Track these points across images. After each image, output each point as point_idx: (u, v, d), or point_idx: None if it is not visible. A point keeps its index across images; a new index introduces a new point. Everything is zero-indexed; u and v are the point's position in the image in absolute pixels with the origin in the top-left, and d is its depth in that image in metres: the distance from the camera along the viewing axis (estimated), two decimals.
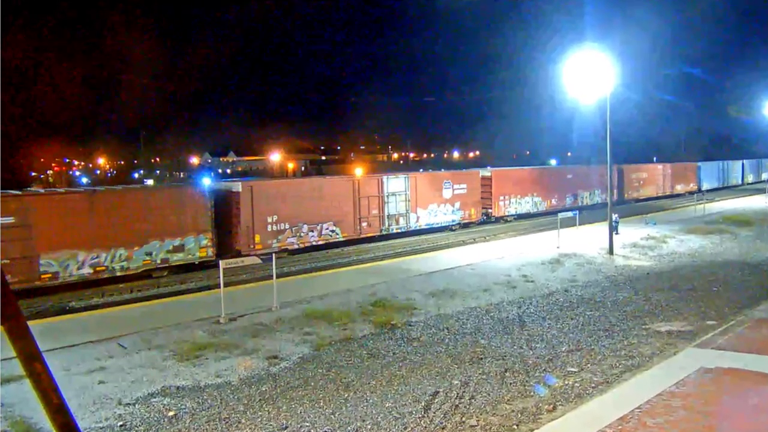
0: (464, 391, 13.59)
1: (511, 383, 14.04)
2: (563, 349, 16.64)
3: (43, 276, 26.58)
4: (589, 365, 15.19)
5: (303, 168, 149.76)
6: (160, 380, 14.79)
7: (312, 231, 37.15)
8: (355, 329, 18.81)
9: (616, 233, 35.46)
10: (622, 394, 12.39)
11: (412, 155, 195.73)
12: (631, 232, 39.38)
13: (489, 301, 22.28)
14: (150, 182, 79.65)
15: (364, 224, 40.11)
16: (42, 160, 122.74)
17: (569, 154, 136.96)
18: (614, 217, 34.60)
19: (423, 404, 12.94)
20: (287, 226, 35.81)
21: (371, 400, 13.23)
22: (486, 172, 51.24)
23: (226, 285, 21.93)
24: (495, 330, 18.63)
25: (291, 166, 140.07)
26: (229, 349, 17.05)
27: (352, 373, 15.02)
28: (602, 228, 36.80)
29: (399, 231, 42.41)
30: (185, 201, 31.52)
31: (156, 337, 18.36)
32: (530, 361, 15.58)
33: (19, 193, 28.67)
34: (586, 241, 35.33)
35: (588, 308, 21.14)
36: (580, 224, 38.22)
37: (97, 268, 28.24)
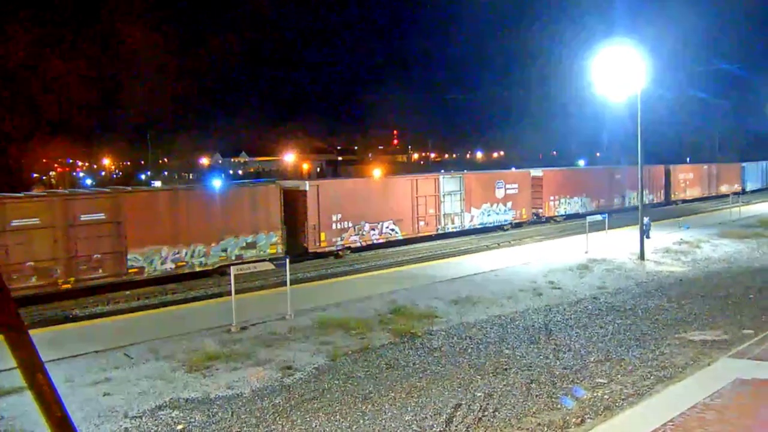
0: (488, 404, 13.53)
1: (537, 395, 13.97)
2: (592, 359, 16.56)
3: (130, 270, 28.67)
4: (619, 376, 15.10)
5: (318, 169, 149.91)
6: (169, 392, 14.75)
7: (373, 229, 39.23)
8: (374, 338, 18.79)
9: (648, 237, 35.27)
10: (654, 406, 12.33)
11: (433, 156, 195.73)
12: (664, 237, 39.21)
13: (514, 309, 22.22)
14: (158, 184, 79.73)
15: (422, 223, 42.03)
16: (44, 160, 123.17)
17: (598, 154, 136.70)
18: (645, 220, 34.42)
19: (444, 417, 12.90)
20: (350, 225, 37.85)
21: (390, 413, 13.20)
22: (537, 172, 52.88)
23: (237, 292, 21.81)
24: (520, 339, 18.57)
25: (306, 167, 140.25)
26: (241, 359, 17.03)
27: (370, 384, 14.98)
28: (632, 232, 36.67)
29: (454, 230, 44.42)
30: (258, 199, 33.79)
31: (164, 346, 18.33)
32: (557, 372, 15.52)
33: (111, 190, 31.08)
34: (616, 245, 35.20)
35: (618, 316, 21.04)
36: (609, 228, 38.06)
37: (179, 264, 30.40)
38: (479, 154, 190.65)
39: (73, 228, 27.09)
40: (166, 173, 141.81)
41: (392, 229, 40.42)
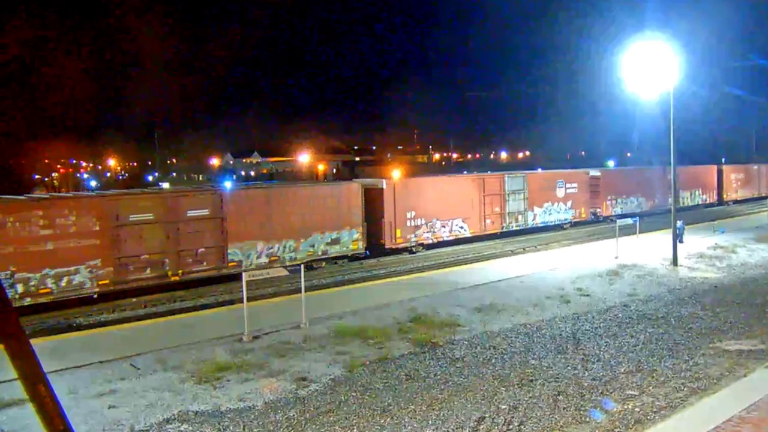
0: (513, 417, 13.51)
1: (564, 408, 13.94)
2: (622, 370, 16.51)
3: (230, 264, 31.82)
4: (650, 388, 15.04)
5: (335, 170, 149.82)
6: (177, 404, 14.76)
7: (444, 227, 42.40)
8: (393, 348, 18.76)
9: (681, 242, 35.13)
10: (687, 419, 12.28)
11: (455, 156, 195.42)
12: (697, 241, 39.05)
13: (540, 317, 22.17)
14: (166, 185, 79.94)
15: (488, 221, 45.41)
16: (46, 161, 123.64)
17: (629, 154, 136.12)
18: (678, 224, 34.27)
19: (467, 431, 12.88)
20: (423, 222, 41.03)
21: (410, 427, 13.19)
22: (595, 172, 56.15)
23: (249, 299, 21.68)
24: (546, 349, 18.53)
25: (321, 167, 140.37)
26: (253, 370, 17.04)
27: (389, 396, 14.96)
28: (664, 236, 36.65)
29: (518, 228, 47.76)
30: (342, 197, 37.20)
31: (172, 356, 18.37)
32: (585, 384, 15.47)
33: (214, 188, 35.55)
34: (647, 250, 35.09)
35: (649, 325, 20.95)
36: (641, 232, 37.95)
37: (272, 258, 33.53)
38: (503, 155, 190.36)
39: (180, 223, 30.23)
40: (174, 174, 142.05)
41: (461, 227, 43.51)
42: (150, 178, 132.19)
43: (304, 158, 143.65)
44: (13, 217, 25.87)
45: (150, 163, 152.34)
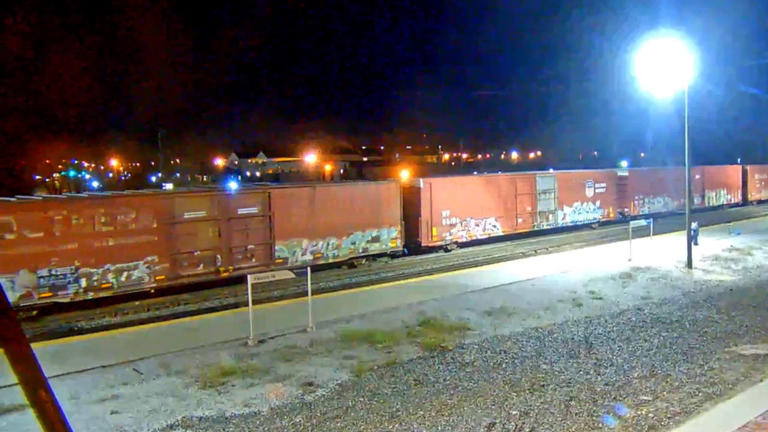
0: (524, 423, 13.52)
1: (576, 413, 13.94)
2: (635, 374, 16.51)
3: (277, 261, 33.26)
4: (664, 393, 15.05)
5: (342, 170, 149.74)
6: (181, 410, 14.77)
7: (477, 225, 44.02)
8: (401, 352, 18.79)
9: (695, 244, 35.07)
10: (702, 425, 12.28)
11: (465, 156, 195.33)
12: (713, 243, 39.02)
13: (552, 321, 22.18)
14: (169, 186, 79.82)
15: (520, 220, 47.08)
16: (47, 161, 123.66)
17: (642, 155, 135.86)
18: (693, 225, 34.23)
19: None
20: (458, 221, 42.54)
21: None
22: (623, 172, 58.24)
23: (255, 302, 21.85)
24: (558, 353, 18.53)
25: (328, 168, 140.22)
26: (259, 375, 17.06)
27: (398, 401, 14.97)
28: (678, 238, 36.60)
29: (548, 227, 49.52)
30: (382, 196, 38.76)
31: (176, 361, 18.39)
32: (598, 389, 15.48)
33: (262, 187, 37.85)
34: (661, 252, 35.06)
35: (663, 329, 20.94)
36: (654, 234, 37.89)
37: (316, 255, 35.19)
38: (514, 155, 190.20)
39: (231, 221, 31.86)
40: (178, 175, 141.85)
41: (494, 225, 45.22)
42: (153, 178, 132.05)
43: (310, 158, 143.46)
44: (77, 214, 27.33)
45: (153, 163, 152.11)
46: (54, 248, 26.65)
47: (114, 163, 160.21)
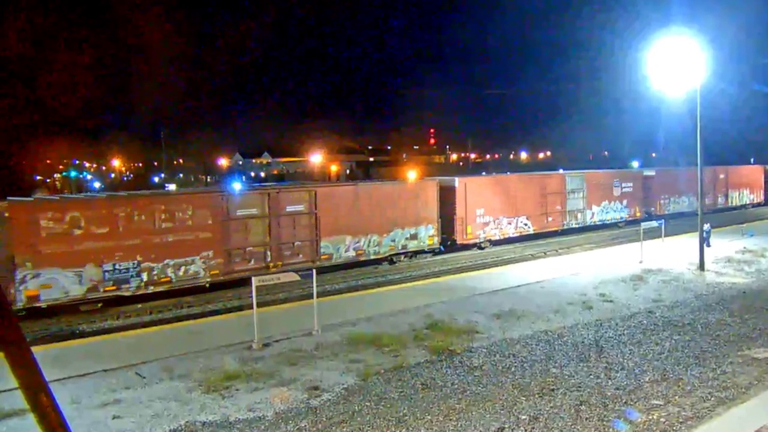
0: (533, 428, 13.52)
1: (586, 418, 13.93)
2: (647, 378, 16.49)
3: (322, 257, 35.22)
4: (676, 397, 15.03)
5: (348, 171, 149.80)
6: (184, 415, 14.77)
7: (510, 224, 45.90)
8: (408, 356, 18.78)
9: (707, 246, 35.01)
10: (715, 430, 12.26)
11: (473, 156, 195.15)
12: (725, 245, 38.97)
13: (561, 324, 22.16)
14: (172, 187, 79.71)
15: (550, 219, 48.95)
16: (48, 161, 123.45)
17: (654, 155, 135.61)
18: (705, 227, 34.18)
19: None
20: (491, 219, 44.43)
21: None
22: (649, 172, 60.25)
23: (259, 305, 21.73)
24: (568, 357, 18.52)
25: (334, 168, 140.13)
26: (263, 379, 17.06)
27: (405, 406, 14.95)
28: (690, 240, 36.57)
29: (577, 226, 51.39)
30: (420, 194, 40.43)
31: (179, 365, 18.39)
32: (609, 393, 15.47)
33: (310, 185, 39.80)
34: (673, 254, 35.04)
35: (675, 332, 20.91)
36: (666, 235, 37.85)
37: (359, 252, 36.97)
38: (524, 155, 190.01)
39: (280, 218, 33.66)
40: (181, 175, 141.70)
41: (525, 224, 47.03)
42: (156, 179, 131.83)
43: (316, 158, 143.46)
44: (139, 211, 29.08)
45: (156, 163, 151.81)
46: (118, 243, 28.30)
47: (116, 163, 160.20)
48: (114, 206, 28.63)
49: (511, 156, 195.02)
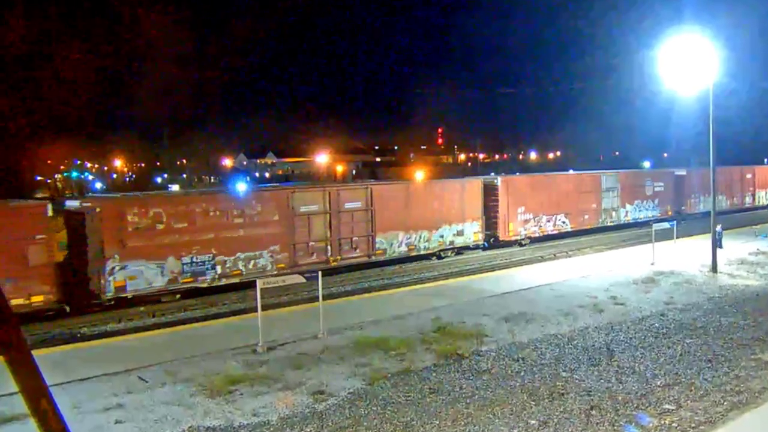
0: None
1: (597, 423, 13.91)
2: (658, 383, 16.45)
3: (377, 252, 37.71)
4: (688, 402, 15.00)
5: (354, 171, 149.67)
6: (188, 419, 14.74)
7: (548, 221, 48.38)
8: (415, 360, 18.74)
9: (720, 247, 34.93)
10: None
11: (482, 156, 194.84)
12: (738, 247, 38.90)
13: (571, 327, 22.11)
14: (175, 187, 79.67)
15: (586, 216, 51.68)
16: (49, 161, 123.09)
17: (665, 155, 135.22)
18: (717, 228, 34.10)
19: None
20: (531, 216, 46.82)
21: None
22: (681, 171, 62.15)
23: (264, 308, 21.71)
24: (579, 361, 18.48)
25: (340, 168, 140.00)
26: (268, 383, 17.04)
27: (412, 411, 14.93)
28: (702, 241, 36.56)
29: (612, 224, 53.95)
30: (466, 192, 42.88)
31: (182, 368, 18.38)
32: (620, 398, 15.43)
33: (365, 183, 43.00)
34: (685, 256, 34.98)
35: (687, 335, 20.86)
36: (677, 237, 37.79)
37: (410, 247, 39.46)
38: (533, 155, 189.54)
39: (339, 214, 36.07)
40: (184, 176, 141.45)
41: (563, 222, 49.53)
42: (159, 179, 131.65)
43: (321, 159, 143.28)
44: (214, 207, 31.67)
45: (159, 164, 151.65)
46: (195, 238, 30.77)
47: (118, 163, 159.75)
48: (192, 203, 31.38)
49: (520, 156, 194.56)
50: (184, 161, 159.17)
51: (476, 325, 22.28)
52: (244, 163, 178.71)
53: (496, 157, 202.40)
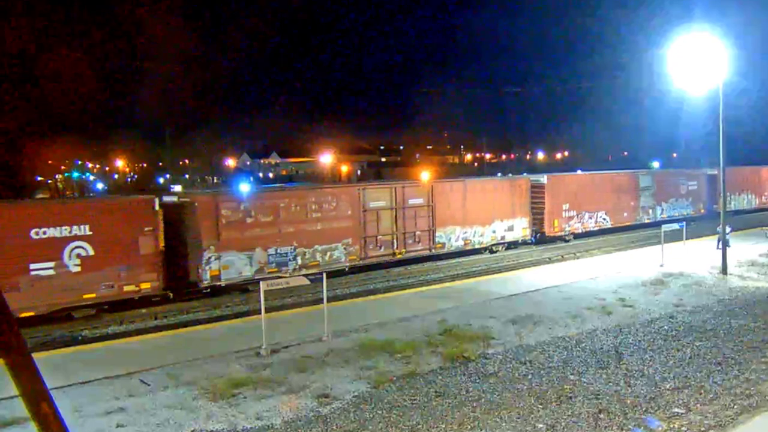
0: None
1: (606, 427, 13.91)
2: (668, 386, 16.43)
3: (437, 246, 40.31)
4: (698, 405, 14.99)
5: (359, 171, 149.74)
6: (190, 423, 14.72)
7: (591, 218, 51.06)
8: (421, 363, 18.73)
9: (728, 246, 34.84)
10: None
11: (488, 156, 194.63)
12: (748, 248, 38.88)
13: (579, 330, 22.10)
14: (178, 188, 79.70)
15: (625, 214, 54.63)
16: (50, 162, 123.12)
17: (674, 155, 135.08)
18: (725, 230, 34.05)
19: None
20: (575, 213, 49.51)
21: None
22: (713, 171, 60.31)
23: (268, 310, 21.59)
24: (587, 364, 18.46)
25: (345, 169, 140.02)
26: (272, 386, 17.02)
27: (417, 415, 14.92)
28: (712, 243, 36.67)
29: (649, 221, 55.93)
30: (515, 189, 45.38)
31: (185, 372, 18.36)
32: (628, 401, 15.42)
33: (428, 181, 45.50)
34: (695, 257, 34.95)
35: (697, 338, 20.83)
36: (687, 238, 37.74)
37: (466, 241, 41.93)
38: (540, 155, 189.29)
39: (404, 209, 38.72)
40: (187, 176, 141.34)
41: (604, 218, 52.26)
42: (161, 179, 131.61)
43: (326, 159, 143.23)
44: (296, 202, 34.39)
45: (161, 164, 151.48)
46: (279, 231, 33.45)
47: (119, 163, 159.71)
48: (276, 198, 34.26)
49: (528, 156, 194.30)
50: (187, 161, 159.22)
51: (483, 327, 22.27)
52: (248, 163, 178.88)
53: (503, 157, 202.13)
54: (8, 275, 25.49)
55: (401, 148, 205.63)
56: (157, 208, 30.09)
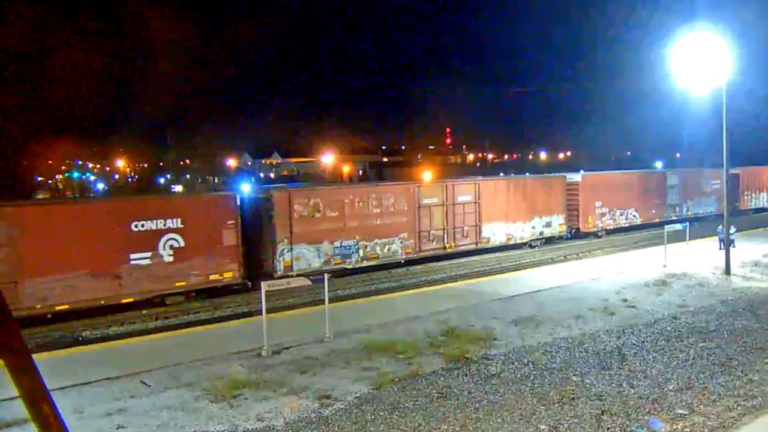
0: None
1: (608, 428, 13.89)
2: (671, 387, 16.43)
3: (482, 240, 43.14)
4: (701, 407, 14.98)
5: (361, 171, 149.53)
6: (191, 424, 14.70)
7: (621, 215, 54.16)
8: (423, 364, 18.71)
9: (733, 246, 34.85)
10: None
11: (490, 156, 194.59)
12: (752, 248, 38.86)
13: (582, 331, 22.09)
14: (179, 188, 79.72)
15: (653, 211, 57.66)
16: (50, 162, 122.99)
17: (678, 155, 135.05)
18: (724, 229, 34.05)
19: None
20: (606, 210, 52.56)
21: None
22: (736, 170, 64.57)
23: (269, 311, 21.53)
24: (589, 365, 18.46)
25: (346, 169, 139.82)
26: (273, 387, 17.00)
27: (419, 416, 14.90)
28: (715, 243, 36.63)
29: (675, 218, 56.19)
30: (552, 188, 48.18)
31: (186, 373, 18.36)
32: (631, 402, 15.41)
33: (475, 178, 47.21)
34: (698, 258, 34.97)
35: (700, 339, 20.83)
36: (690, 239, 37.74)
37: (509, 237, 44.82)
38: (543, 155, 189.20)
39: (454, 206, 41.49)
40: (188, 176, 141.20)
41: (634, 215, 55.51)
42: (162, 180, 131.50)
43: (327, 159, 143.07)
44: (359, 198, 37.14)
45: (162, 164, 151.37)
46: (344, 225, 36.19)
47: (120, 163, 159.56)
48: (342, 194, 36.97)
49: (530, 156, 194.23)
50: (188, 161, 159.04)
51: (485, 328, 22.27)
52: (249, 163, 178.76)
53: (506, 157, 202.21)
54: (112, 265, 28.29)
55: (403, 148, 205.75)
56: (238, 203, 32.76)
